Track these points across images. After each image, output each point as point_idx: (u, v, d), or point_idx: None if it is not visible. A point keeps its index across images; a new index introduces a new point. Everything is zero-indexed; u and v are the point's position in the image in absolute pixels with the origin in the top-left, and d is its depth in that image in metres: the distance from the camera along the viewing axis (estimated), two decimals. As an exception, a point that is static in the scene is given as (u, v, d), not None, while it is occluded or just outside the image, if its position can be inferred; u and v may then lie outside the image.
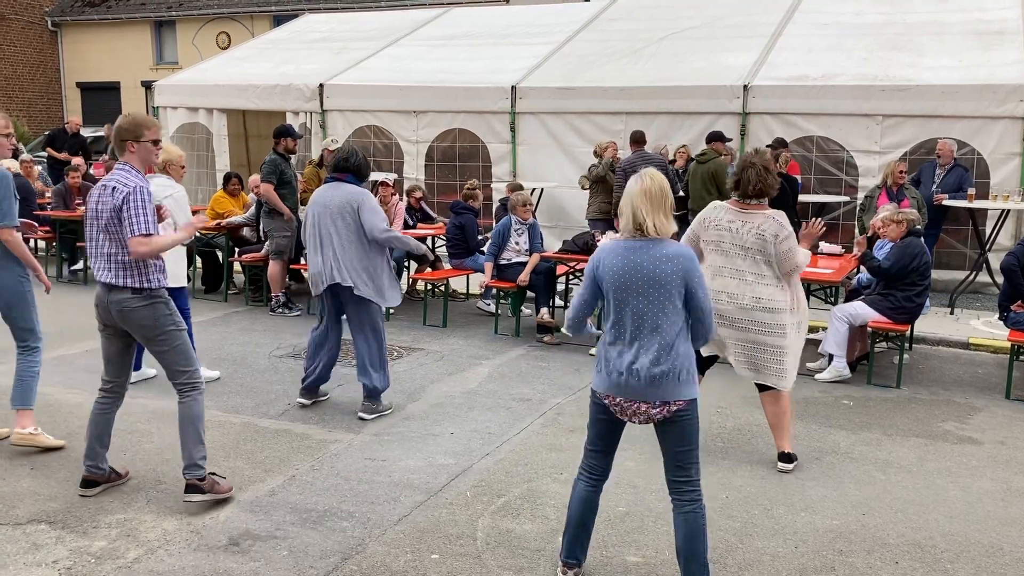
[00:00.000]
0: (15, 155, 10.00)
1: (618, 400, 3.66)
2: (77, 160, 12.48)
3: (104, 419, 4.74)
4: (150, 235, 4.38)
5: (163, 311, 4.54)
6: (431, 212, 10.44)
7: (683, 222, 7.90)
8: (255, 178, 9.59)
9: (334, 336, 6.17)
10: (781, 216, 5.07)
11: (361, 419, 5.94)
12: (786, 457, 5.23)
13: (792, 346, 5.14)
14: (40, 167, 14.12)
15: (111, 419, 4.78)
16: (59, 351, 7.23)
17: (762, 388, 5.27)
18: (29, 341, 5.35)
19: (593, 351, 7.69)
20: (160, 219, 4.84)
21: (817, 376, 7.07)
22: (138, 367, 6.61)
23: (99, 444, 4.73)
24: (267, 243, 9.30)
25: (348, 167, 6.01)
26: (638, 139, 10.19)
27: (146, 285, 4.48)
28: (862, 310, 6.98)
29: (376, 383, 6.00)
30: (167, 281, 4.66)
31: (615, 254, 3.66)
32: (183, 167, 6.53)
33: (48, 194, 12.05)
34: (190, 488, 4.57)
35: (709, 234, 5.16)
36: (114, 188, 4.42)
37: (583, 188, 10.68)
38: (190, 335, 6.30)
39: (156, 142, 4.61)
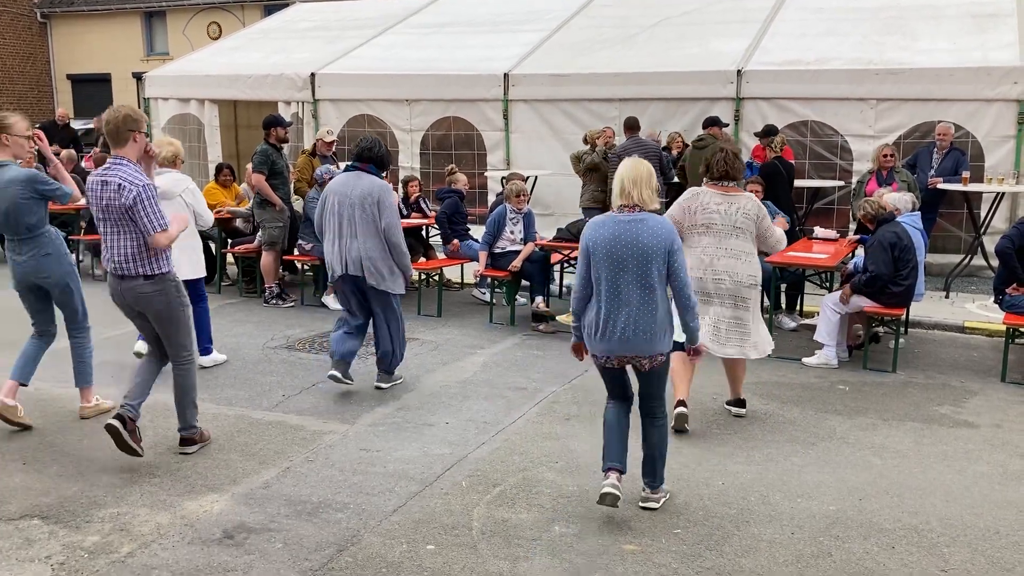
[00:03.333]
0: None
1: (614, 358, 4.29)
2: (66, 152, 12.38)
3: (148, 370, 5.06)
4: (167, 229, 4.73)
5: (173, 293, 4.89)
6: (427, 204, 10.39)
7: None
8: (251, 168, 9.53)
9: (361, 320, 6.33)
10: (755, 197, 5.61)
11: (378, 387, 6.33)
12: (741, 403, 5.83)
13: (759, 315, 5.68)
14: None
15: (155, 372, 5.10)
16: (54, 345, 7.17)
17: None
18: (81, 323, 5.65)
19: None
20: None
21: (805, 360, 7.07)
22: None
23: (139, 394, 5.02)
24: (259, 234, 9.25)
25: (371, 157, 6.12)
26: (632, 125, 10.15)
27: (156, 271, 4.79)
28: (853, 299, 6.95)
29: (393, 357, 6.34)
30: (174, 265, 4.96)
31: (604, 226, 4.18)
32: (182, 161, 6.82)
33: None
34: (184, 441, 5.12)
35: (697, 218, 5.43)
36: (119, 186, 4.58)
37: (576, 170, 10.62)
38: (207, 318, 6.88)
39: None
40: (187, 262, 6.45)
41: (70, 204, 5.88)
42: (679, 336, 4.46)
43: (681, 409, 5.47)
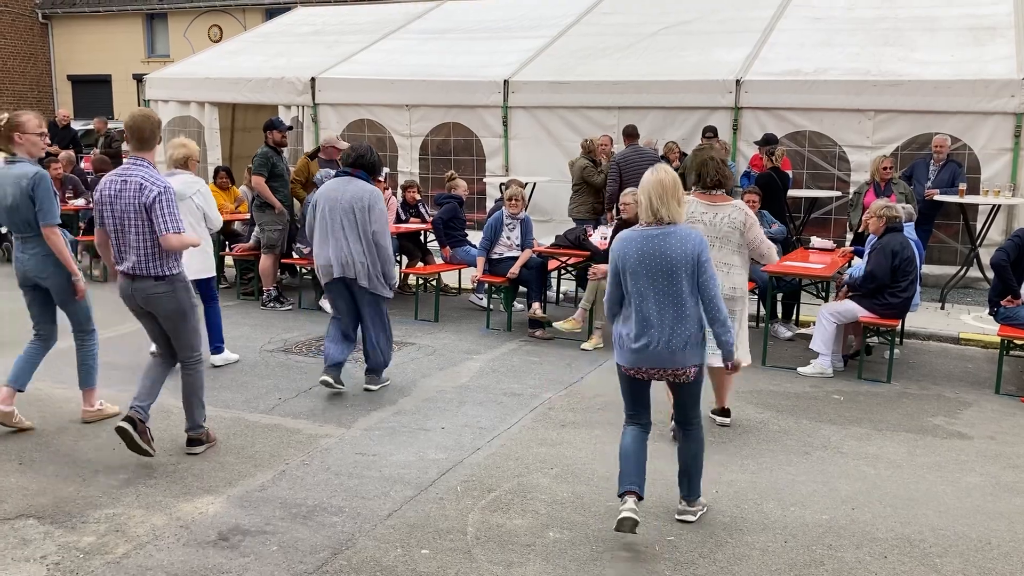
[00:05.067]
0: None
1: (644, 369, 4.22)
2: (65, 153, 12.40)
3: (158, 371, 5.14)
4: (181, 231, 4.84)
5: (183, 294, 4.99)
6: (426, 209, 10.41)
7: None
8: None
9: (350, 323, 6.44)
10: (744, 205, 5.52)
11: (367, 390, 6.40)
12: (725, 412, 5.83)
13: (744, 323, 5.67)
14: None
15: (165, 373, 5.18)
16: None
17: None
18: (84, 327, 5.64)
19: (585, 346, 7.70)
20: None
21: (800, 369, 7.09)
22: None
23: (147, 395, 5.09)
24: (255, 231, 9.28)
25: (363, 164, 6.28)
26: (631, 133, 10.18)
27: (167, 272, 4.90)
28: (851, 308, 6.98)
29: (381, 358, 6.45)
30: (184, 267, 5.05)
31: (633, 241, 4.18)
32: (197, 161, 6.93)
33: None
34: (192, 441, 5.17)
35: None
36: (140, 185, 4.74)
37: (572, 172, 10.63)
38: (218, 318, 7.01)
39: None
40: (196, 262, 6.50)
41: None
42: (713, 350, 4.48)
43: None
